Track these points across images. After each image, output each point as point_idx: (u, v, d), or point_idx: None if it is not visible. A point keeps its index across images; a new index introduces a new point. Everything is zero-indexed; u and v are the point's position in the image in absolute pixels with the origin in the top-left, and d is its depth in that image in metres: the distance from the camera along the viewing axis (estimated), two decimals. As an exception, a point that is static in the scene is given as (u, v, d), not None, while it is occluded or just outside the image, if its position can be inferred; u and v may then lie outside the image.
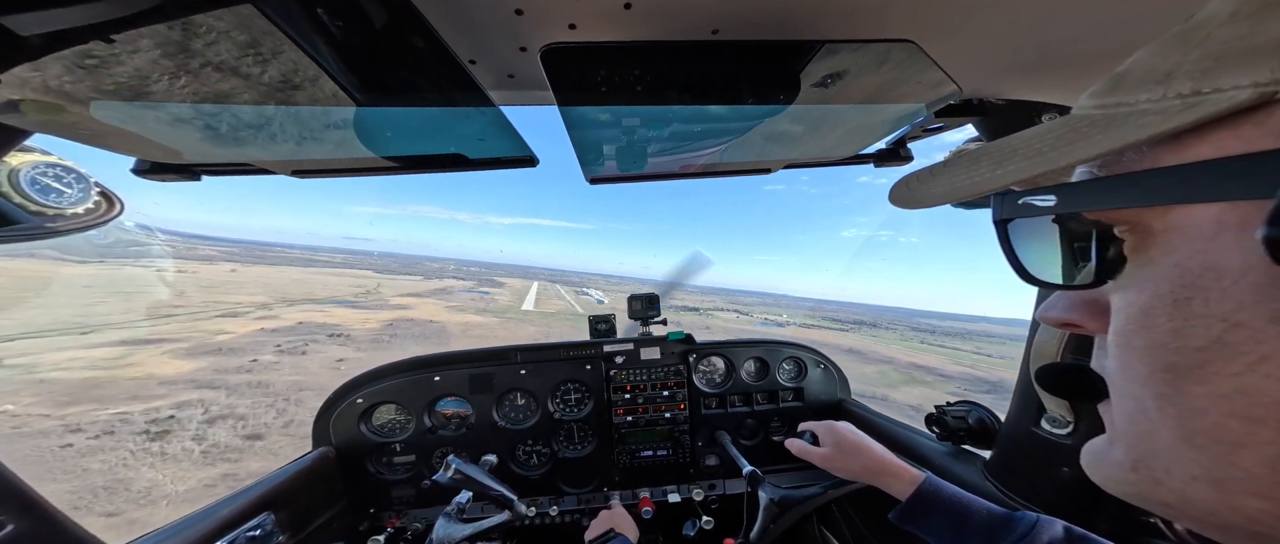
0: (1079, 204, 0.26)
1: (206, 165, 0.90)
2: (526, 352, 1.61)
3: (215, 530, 0.95)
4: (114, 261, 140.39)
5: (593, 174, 1.06)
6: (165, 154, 0.82)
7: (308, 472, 1.27)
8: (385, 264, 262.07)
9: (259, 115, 0.69)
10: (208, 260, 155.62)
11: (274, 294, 61.94)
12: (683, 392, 1.62)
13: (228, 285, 73.69)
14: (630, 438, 1.59)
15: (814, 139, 0.98)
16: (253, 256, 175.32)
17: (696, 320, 79.02)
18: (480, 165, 0.95)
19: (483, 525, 1.14)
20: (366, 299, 63.44)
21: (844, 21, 0.62)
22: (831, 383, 1.73)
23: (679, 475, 1.63)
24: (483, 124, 0.77)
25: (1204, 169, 0.20)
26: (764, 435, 1.68)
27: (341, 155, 0.89)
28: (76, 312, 39.20)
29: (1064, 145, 0.26)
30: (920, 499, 0.84)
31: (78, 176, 0.88)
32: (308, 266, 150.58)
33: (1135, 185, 0.23)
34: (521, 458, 1.60)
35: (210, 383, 14.20)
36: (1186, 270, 0.21)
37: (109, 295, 58.60)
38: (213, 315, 37.41)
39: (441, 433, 1.52)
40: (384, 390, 1.48)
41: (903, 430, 1.37)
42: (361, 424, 1.47)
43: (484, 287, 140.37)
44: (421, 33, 0.48)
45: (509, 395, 1.60)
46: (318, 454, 1.35)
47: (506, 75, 0.72)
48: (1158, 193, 0.22)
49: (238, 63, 0.51)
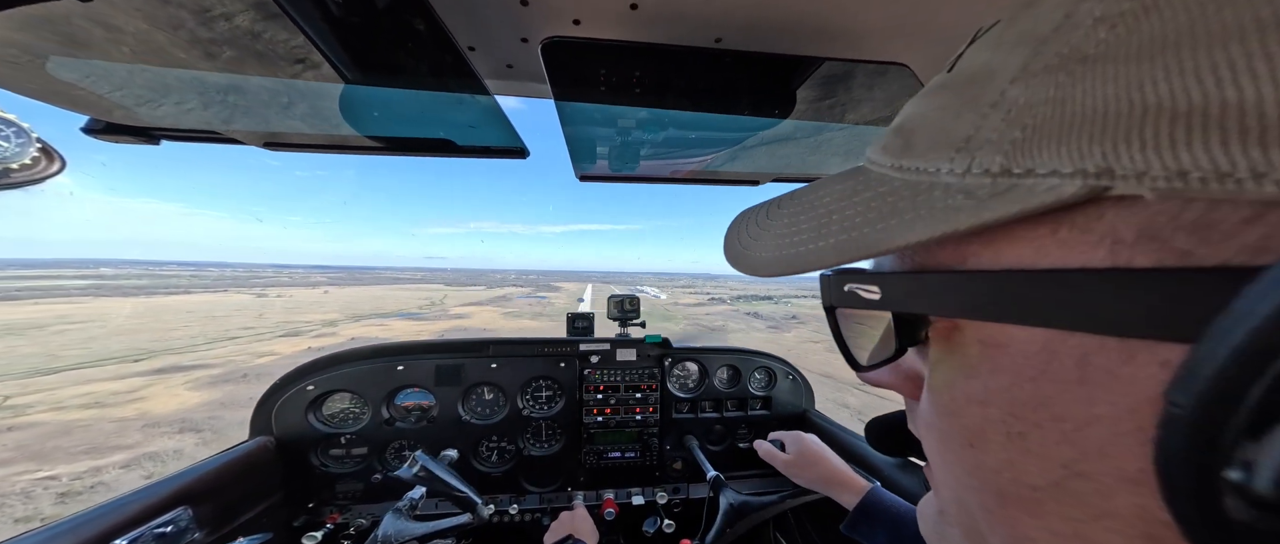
0: (901, 303, 0.22)
1: (167, 130, 0.84)
2: (500, 345, 1.58)
3: (120, 525, 0.86)
4: (233, 290, 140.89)
5: (583, 171, 1.05)
6: (121, 115, 0.76)
7: (239, 463, 1.17)
8: (455, 278, 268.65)
9: (232, 82, 0.65)
10: (312, 285, 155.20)
11: (347, 311, 61.09)
12: (655, 395, 1.62)
13: (312, 305, 72.51)
14: (599, 438, 1.59)
15: (804, 156, 1.00)
16: (351, 279, 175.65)
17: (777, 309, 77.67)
18: (468, 152, 0.93)
19: (440, 525, 1.07)
20: (429, 310, 62.30)
21: (843, 41, 0.63)
22: (799, 394, 1.77)
23: (645, 478, 1.64)
24: (475, 112, 0.75)
25: (1024, 281, 0.16)
26: (731, 442, 1.71)
27: (319, 130, 0.85)
28: (154, 337, 37.46)
29: (878, 219, 0.22)
30: (864, 509, 0.87)
31: (16, 129, 0.81)
32: (392, 285, 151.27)
33: (955, 290, 0.19)
34: (484, 454, 1.56)
35: (202, 423, 13.12)
36: (1018, 402, 0.17)
37: (202, 320, 56.87)
38: (274, 336, 35.75)
39: (399, 425, 1.45)
40: (339, 377, 1.40)
41: (857, 441, 1.42)
42: (310, 413, 1.38)
43: (541, 292, 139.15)
44: (423, 16, 0.46)
45: (477, 389, 1.55)
46: (254, 444, 1.25)
47: (505, 65, 0.71)
48: (977, 304, 0.18)
49: (220, 27, 0.48)
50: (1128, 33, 0.14)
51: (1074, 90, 0.15)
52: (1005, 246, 0.17)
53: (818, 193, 0.28)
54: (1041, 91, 0.16)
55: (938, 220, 0.18)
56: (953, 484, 0.23)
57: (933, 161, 0.20)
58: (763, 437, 1.69)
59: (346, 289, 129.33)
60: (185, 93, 0.68)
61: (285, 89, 0.68)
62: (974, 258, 0.19)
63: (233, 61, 0.56)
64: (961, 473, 0.21)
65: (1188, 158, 0.12)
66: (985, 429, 0.19)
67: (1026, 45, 0.18)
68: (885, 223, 0.21)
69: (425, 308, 71.28)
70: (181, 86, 0.65)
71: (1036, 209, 0.15)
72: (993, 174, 0.17)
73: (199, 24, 0.48)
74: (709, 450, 1.64)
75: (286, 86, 0.67)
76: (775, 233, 0.29)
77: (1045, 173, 0.15)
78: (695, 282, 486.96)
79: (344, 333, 35.68)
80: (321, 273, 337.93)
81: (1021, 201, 0.16)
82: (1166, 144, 0.12)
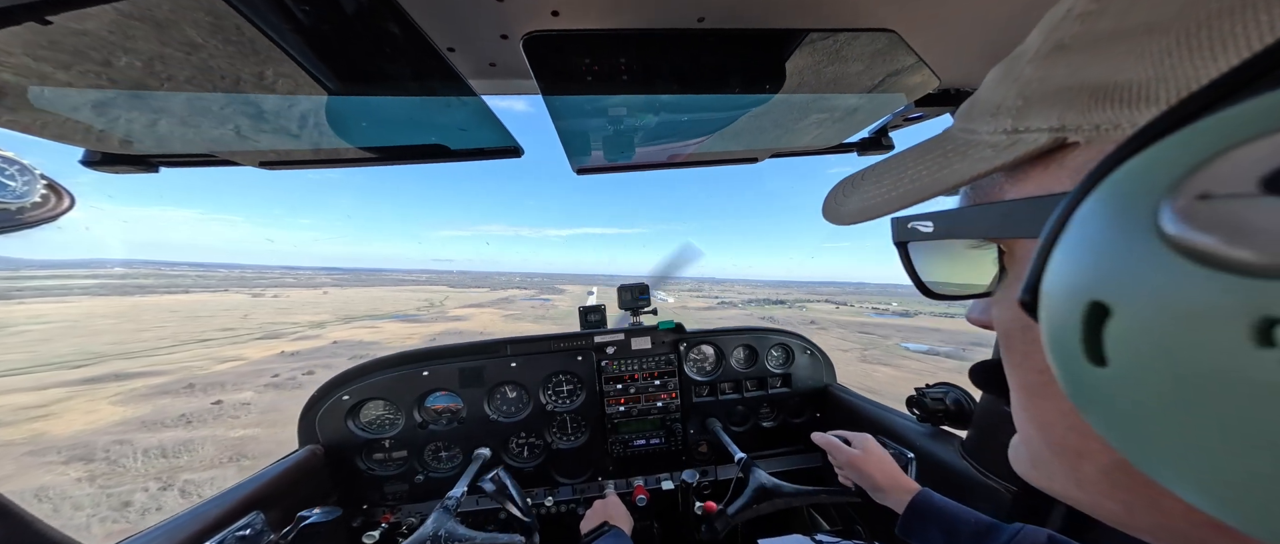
0: (947, 232, 0.28)
1: (164, 156, 0.85)
2: (516, 344, 1.60)
3: (203, 531, 0.93)
4: (235, 290, 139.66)
5: (579, 164, 1.04)
6: (118, 145, 0.77)
7: (294, 470, 1.24)
8: (460, 280, 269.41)
9: (223, 104, 0.65)
10: (315, 287, 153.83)
11: (340, 313, 60.30)
12: (674, 380, 1.63)
13: (306, 306, 71.81)
14: (623, 428, 1.60)
15: (799, 128, 0.98)
16: (356, 281, 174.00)
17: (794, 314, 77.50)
18: (463, 156, 0.92)
19: (495, 538, 1.03)
20: (427, 312, 62.00)
21: (827, 10, 0.61)
22: (818, 369, 1.76)
23: (672, 463, 1.66)
24: (464, 114, 0.74)
25: (1023, 206, 0.22)
26: (754, 422, 1.71)
27: (312, 146, 0.85)
28: (117, 339, 36.66)
29: (937, 170, 0.28)
30: (915, 511, 0.86)
31: (20, 168, 0.82)
32: (397, 286, 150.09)
33: (983, 216, 0.25)
34: (515, 450, 1.60)
35: (99, 451, 11.84)
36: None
37: (182, 320, 55.97)
38: (251, 339, 35.23)
39: (432, 428, 1.50)
40: (370, 386, 1.45)
41: (885, 413, 1.41)
42: (349, 421, 1.44)
43: (545, 294, 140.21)
44: (396, 19, 0.45)
45: (500, 388, 1.58)
46: (304, 452, 1.32)
47: (488, 64, 0.70)
48: (994, 226, 0.24)
49: (196, 49, 0.48)
50: (1086, 29, 0.20)
51: (1054, 70, 0.21)
52: (1022, 183, 0.23)
53: (901, 156, 0.34)
54: (1039, 70, 0.22)
55: (969, 167, 0.25)
56: (1014, 392, 0.26)
57: (977, 123, 0.26)
58: (785, 414, 1.69)
59: (348, 290, 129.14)
60: (177, 118, 0.68)
61: (274, 107, 0.68)
62: (1003, 194, 0.25)
63: (215, 82, 0.56)
64: (1010, 376, 0.26)
65: (1099, 116, 0.18)
66: (1011, 329, 0.25)
67: (1044, 31, 0.22)
68: (940, 172, 0.27)
69: (423, 309, 71.24)
70: (172, 112, 0.66)
71: (1028, 154, 0.21)
72: (1007, 132, 0.23)
73: (167, 46, 0.48)
74: (733, 432, 1.65)
75: (275, 104, 0.67)
76: (863, 191, 0.35)
77: (1033, 130, 0.21)
78: (701, 285, 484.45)
79: (330, 335, 35.15)
80: (328, 275, 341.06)
81: (1021, 150, 0.22)
82: (1089, 107, 0.19)
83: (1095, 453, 0.21)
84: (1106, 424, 0.15)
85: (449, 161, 0.95)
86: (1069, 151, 0.20)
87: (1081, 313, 0.15)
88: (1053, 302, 0.17)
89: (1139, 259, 0.13)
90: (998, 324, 0.27)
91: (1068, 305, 0.16)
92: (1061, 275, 0.16)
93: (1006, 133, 0.23)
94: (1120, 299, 0.14)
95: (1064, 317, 0.16)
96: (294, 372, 20.44)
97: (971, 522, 0.79)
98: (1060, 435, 0.22)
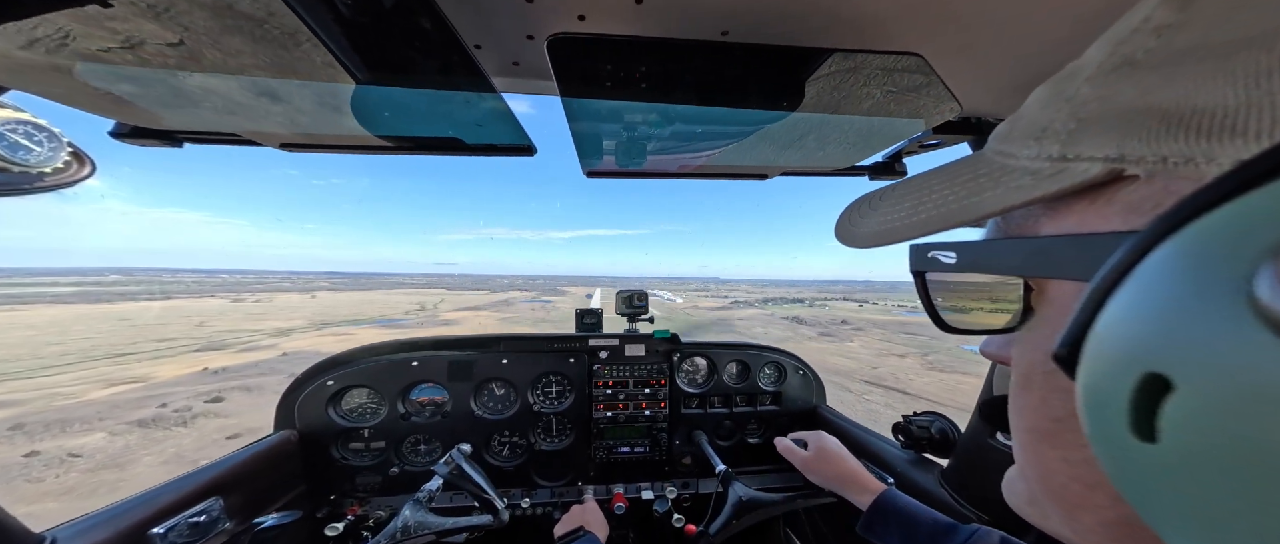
0: (972, 266, 0.26)
1: (189, 132, 0.87)
2: (510, 341, 1.60)
3: (155, 515, 0.89)
4: (221, 295, 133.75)
5: (590, 167, 1.05)
6: (147, 118, 0.79)
7: (266, 455, 1.21)
8: (460, 283, 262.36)
9: (251, 85, 0.66)
10: (310, 291, 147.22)
11: (317, 318, 57.05)
12: (664, 390, 1.62)
13: (283, 311, 68.83)
14: (609, 433, 1.60)
15: (813, 148, 0.99)
16: (355, 284, 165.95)
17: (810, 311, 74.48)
18: (476, 151, 0.93)
19: (460, 522, 1.08)
20: (417, 316, 59.87)
21: (854, 31, 0.62)
22: (809, 389, 1.75)
23: (654, 472, 1.64)
24: (483, 110, 0.75)
25: (1064, 244, 0.19)
26: (740, 437, 1.70)
27: (332, 131, 0.86)
28: (6, 356, 31.45)
29: (965, 196, 0.25)
30: (878, 509, 0.87)
31: (49, 134, 0.84)
32: (395, 289, 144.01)
33: (1015, 251, 0.23)
34: (496, 448, 1.58)
35: None
36: (1050, 346, 0.20)
37: (124, 329, 52.28)
38: (187, 351, 32.49)
39: (414, 419, 1.48)
40: (356, 373, 1.43)
41: (870, 437, 1.41)
42: (330, 408, 1.42)
43: (546, 296, 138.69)
44: (429, 14, 0.46)
45: (488, 384, 1.58)
46: (279, 437, 1.29)
47: (511, 63, 0.71)
48: (1028, 263, 0.22)
49: (234, 32, 0.49)
50: (1163, 44, 0.17)
51: (1118, 90, 0.18)
52: (1061, 218, 0.21)
53: (926, 177, 0.32)
54: (1099, 90, 0.19)
55: (1003, 195, 0.22)
56: (1017, 433, 0.25)
57: (1017, 146, 0.23)
58: (773, 432, 1.68)
59: (341, 294, 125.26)
60: (204, 97, 0.70)
61: (299, 91, 0.69)
62: (1039, 229, 0.22)
63: (249, 65, 0.57)
64: (1017, 417, 0.25)
65: (1168, 147, 0.15)
66: (1031, 372, 0.23)
67: (1108, 44, 0.20)
68: (968, 199, 0.25)
69: (413, 313, 69.65)
70: (201, 91, 0.67)
71: (1074, 187, 0.19)
72: (1052, 159, 0.20)
73: (215, 27, 0.49)
74: (718, 446, 1.64)
75: (300, 88, 0.68)
76: (881, 212, 0.33)
77: (1086, 158, 0.18)
78: (707, 285, 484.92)
79: (286, 345, 32.45)
80: (328, 279, 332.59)
81: (1068, 181, 0.19)
82: (1157, 136, 0.16)
83: (1099, 508, 0.20)
84: (1143, 500, 0.13)
85: (463, 155, 0.96)
86: (1123, 185, 0.17)
87: (1134, 383, 0.13)
88: (1098, 364, 0.14)
89: (1220, 332, 0.11)
90: (1017, 365, 0.25)
91: (1117, 370, 0.13)
92: (1113, 336, 0.14)
93: (1051, 160, 0.20)
94: (1187, 376, 0.11)
95: (1111, 383, 0.14)
96: (191, 400, 18.73)
97: (929, 522, 0.80)
98: (1061, 485, 0.22)
